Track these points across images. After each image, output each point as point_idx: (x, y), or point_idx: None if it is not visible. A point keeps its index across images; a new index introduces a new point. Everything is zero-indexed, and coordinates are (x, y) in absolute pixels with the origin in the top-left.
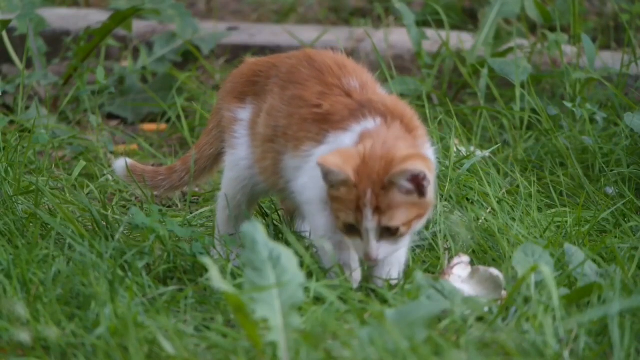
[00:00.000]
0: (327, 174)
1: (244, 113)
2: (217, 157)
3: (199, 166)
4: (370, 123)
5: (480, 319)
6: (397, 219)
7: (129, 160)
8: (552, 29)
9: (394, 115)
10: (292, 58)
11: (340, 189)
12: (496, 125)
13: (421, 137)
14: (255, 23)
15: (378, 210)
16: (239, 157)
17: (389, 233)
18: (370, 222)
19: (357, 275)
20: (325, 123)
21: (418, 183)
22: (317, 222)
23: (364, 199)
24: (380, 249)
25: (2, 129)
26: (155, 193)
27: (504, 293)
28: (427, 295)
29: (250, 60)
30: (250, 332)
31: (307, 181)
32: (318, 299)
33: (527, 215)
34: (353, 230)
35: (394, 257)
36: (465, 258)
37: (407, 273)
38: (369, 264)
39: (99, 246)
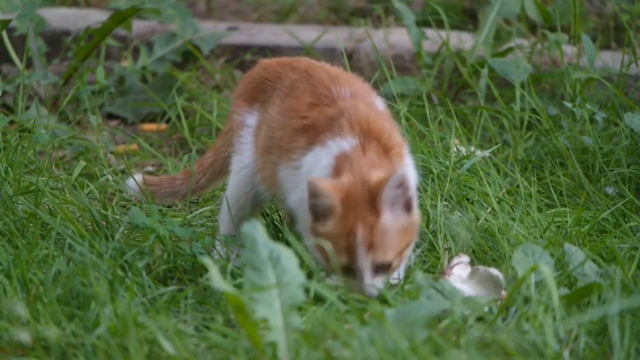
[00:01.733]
0: (313, 196)
1: (252, 119)
2: None
3: (214, 168)
4: (345, 143)
5: (480, 319)
6: (390, 251)
7: (140, 177)
8: (552, 29)
9: (370, 135)
10: (295, 72)
11: (327, 222)
12: (496, 125)
13: (397, 156)
14: (255, 23)
15: (372, 246)
16: (243, 164)
17: (382, 268)
18: (364, 261)
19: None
20: (310, 134)
21: (404, 191)
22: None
23: (355, 238)
24: (375, 285)
25: (2, 129)
26: (172, 199)
27: (503, 293)
28: (427, 295)
29: (263, 62)
30: (250, 332)
31: (300, 198)
32: (318, 299)
33: (527, 215)
34: (345, 270)
35: None
36: (465, 258)
37: (407, 273)
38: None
39: (99, 246)
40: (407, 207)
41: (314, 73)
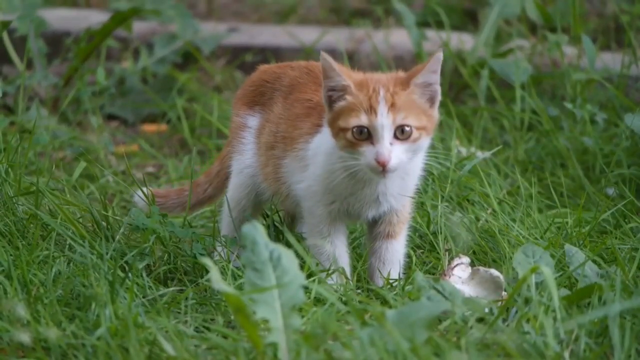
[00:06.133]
0: (327, 71)
1: (253, 121)
2: None
3: (220, 177)
4: None
5: (480, 320)
6: (410, 117)
7: (146, 190)
8: (553, 30)
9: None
10: (294, 69)
11: (345, 97)
12: (497, 126)
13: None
14: (255, 24)
15: (393, 106)
16: (244, 164)
17: (402, 133)
18: (385, 119)
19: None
20: (317, 114)
21: (435, 81)
22: (315, 217)
23: (377, 97)
24: (392, 152)
25: (3, 130)
26: (180, 210)
27: (504, 294)
28: (428, 296)
29: (262, 67)
30: (250, 333)
31: (307, 184)
32: (319, 300)
33: (527, 216)
34: (362, 135)
35: (394, 257)
36: (466, 259)
37: (408, 274)
38: (379, 174)
39: (99, 247)
40: (431, 101)
41: (313, 68)
